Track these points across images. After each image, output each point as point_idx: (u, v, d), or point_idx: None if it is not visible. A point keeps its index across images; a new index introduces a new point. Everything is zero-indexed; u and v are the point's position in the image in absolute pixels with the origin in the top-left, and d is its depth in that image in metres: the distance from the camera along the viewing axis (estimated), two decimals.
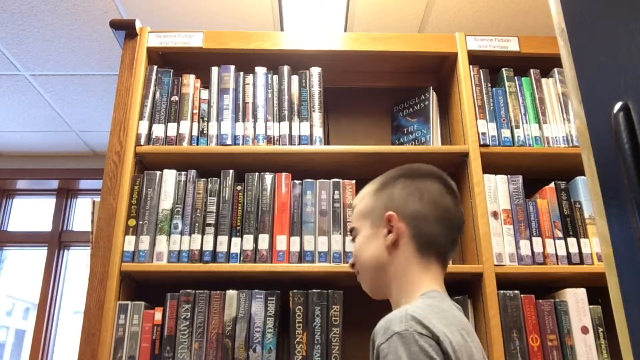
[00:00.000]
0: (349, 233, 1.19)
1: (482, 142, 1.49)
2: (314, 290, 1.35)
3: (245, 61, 1.60)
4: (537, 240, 1.41)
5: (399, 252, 0.92)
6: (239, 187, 1.45)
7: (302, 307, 1.34)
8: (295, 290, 1.35)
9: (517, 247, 1.40)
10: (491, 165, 1.49)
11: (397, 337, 0.73)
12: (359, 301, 1.24)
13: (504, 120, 1.54)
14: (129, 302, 1.33)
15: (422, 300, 0.85)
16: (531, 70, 1.60)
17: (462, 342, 0.79)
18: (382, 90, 1.80)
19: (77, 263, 3.03)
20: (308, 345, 1.31)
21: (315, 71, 1.59)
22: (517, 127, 1.53)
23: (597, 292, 1.37)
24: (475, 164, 1.47)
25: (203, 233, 1.40)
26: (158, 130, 1.51)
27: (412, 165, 1.01)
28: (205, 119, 1.53)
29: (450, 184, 0.98)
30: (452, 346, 0.75)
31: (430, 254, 0.92)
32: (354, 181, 1.46)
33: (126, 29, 1.58)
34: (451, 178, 1.63)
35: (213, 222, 1.41)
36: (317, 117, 1.54)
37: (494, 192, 1.45)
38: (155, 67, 1.57)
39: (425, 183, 0.96)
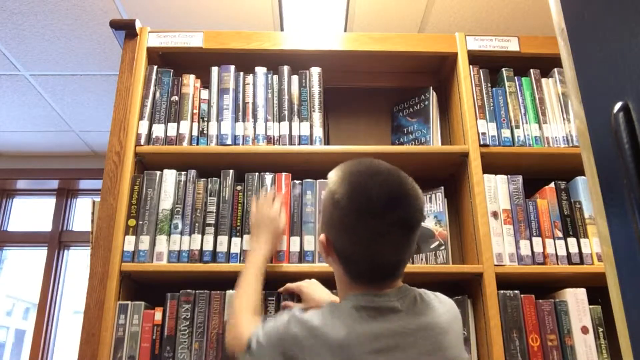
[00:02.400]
0: None
1: (482, 142, 1.50)
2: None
3: (245, 61, 1.60)
4: (537, 240, 1.41)
5: (334, 267, 0.97)
6: (239, 187, 1.45)
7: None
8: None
9: (517, 247, 1.40)
10: (491, 165, 1.49)
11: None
12: None
13: (504, 120, 1.54)
14: (129, 302, 1.33)
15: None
16: (531, 70, 1.60)
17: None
18: (382, 90, 1.80)
19: (77, 263, 3.03)
20: None
21: (315, 71, 1.59)
22: (517, 127, 1.53)
23: (597, 292, 1.37)
24: (475, 164, 1.47)
25: (203, 233, 1.40)
26: (158, 130, 1.51)
27: (369, 185, 0.90)
28: (205, 119, 1.53)
29: (402, 219, 0.88)
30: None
31: (362, 282, 0.92)
32: None
33: (126, 29, 1.58)
34: (451, 178, 1.64)
35: (213, 222, 1.41)
36: (317, 117, 1.54)
37: (494, 192, 1.45)
38: (155, 67, 1.57)
39: (365, 220, 0.88)
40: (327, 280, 1.43)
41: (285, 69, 1.58)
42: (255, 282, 1.17)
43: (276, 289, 1.37)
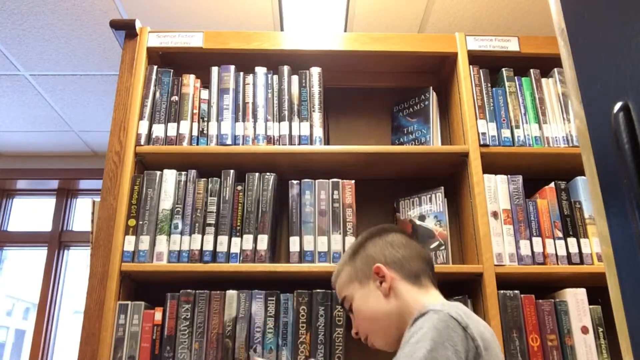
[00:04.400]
0: (340, 306, 1.24)
1: (482, 142, 1.49)
2: (318, 290, 1.35)
3: (245, 61, 1.60)
4: (537, 240, 1.41)
5: (400, 293, 1.02)
6: (239, 187, 1.45)
7: (306, 307, 1.34)
8: (299, 290, 1.35)
9: (517, 247, 1.40)
10: (491, 165, 1.49)
11: (431, 313, 0.84)
12: None
13: (504, 120, 1.54)
14: (129, 302, 1.33)
15: (441, 302, 0.98)
16: (531, 70, 1.60)
17: (489, 337, 0.86)
18: (382, 90, 1.80)
19: (77, 263, 3.03)
20: (311, 345, 1.31)
21: (315, 71, 1.59)
22: (517, 127, 1.53)
23: (597, 292, 1.37)
24: (475, 164, 1.47)
25: (203, 233, 1.40)
26: (158, 130, 1.51)
27: (371, 228, 1.15)
28: (205, 119, 1.53)
29: (406, 232, 1.17)
30: (481, 336, 0.83)
31: (422, 281, 1.04)
32: (353, 181, 1.46)
33: (126, 29, 1.58)
34: (451, 178, 1.64)
35: (213, 222, 1.41)
36: (317, 117, 1.54)
37: (494, 192, 1.45)
38: (155, 67, 1.57)
39: (389, 236, 1.10)
40: (327, 281, 1.43)
41: (285, 69, 1.58)
42: None
43: (276, 289, 1.37)
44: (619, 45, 0.48)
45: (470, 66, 1.58)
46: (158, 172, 1.45)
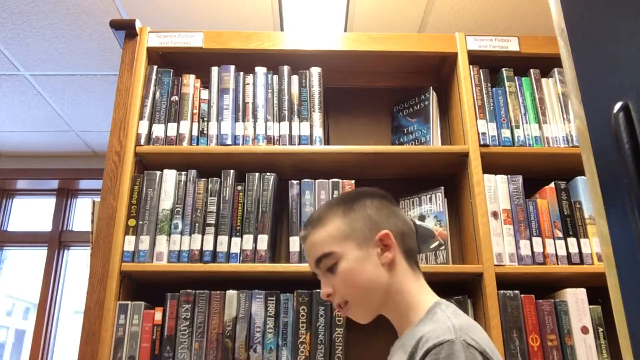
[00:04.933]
0: (316, 263, 0.99)
1: (482, 142, 1.50)
2: (318, 290, 1.35)
3: (245, 61, 1.60)
4: (537, 240, 1.41)
5: (397, 268, 0.95)
6: (239, 187, 1.45)
7: (306, 307, 1.34)
8: (299, 290, 1.35)
9: (517, 247, 1.40)
10: (491, 165, 1.49)
11: (449, 345, 0.76)
12: None
13: (504, 120, 1.54)
14: (129, 302, 1.33)
15: (450, 309, 0.89)
16: (531, 70, 1.60)
17: (491, 344, 0.83)
18: (382, 90, 1.80)
19: (77, 263, 3.03)
20: (311, 345, 1.31)
21: (315, 71, 1.59)
22: (517, 127, 1.53)
23: (597, 292, 1.37)
24: (475, 164, 1.47)
25: (203, 233, 1.40)
26: (158, 130, 1.51)
27: (369, 188, 1.05)
28: (205, 119, 1.53)
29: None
30: (492, 350, 0.80)
31: (413, 264, 0.98)
32: (353, 181, 1.46)
33: (126, 29, 1.58)
34: (451, 178, 1.64)
35: (213, 222, 1.41)
36: (317, 117, 1.54)
37: (494, 192, 1.45)
38: (155, 67, 1.57)
39: (391, 204, 1.02)
40: None
41: (285, 69, 1.58)
42: None
43: (276, 289, 1.37)
44: (619, 45, 0.48)
45: (470, 66, 1.58)
46: (158, 172, 1.45)
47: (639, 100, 0.45)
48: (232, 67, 1.58)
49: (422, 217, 1.53)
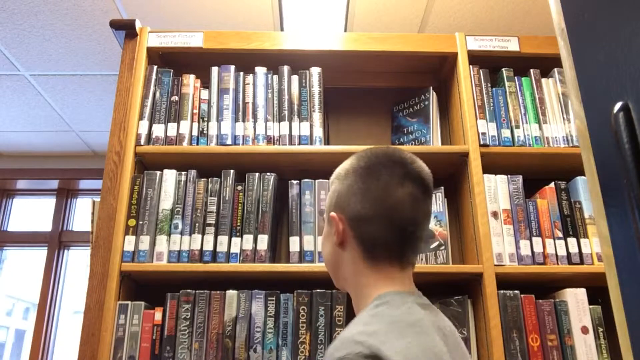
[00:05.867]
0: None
1: (482, 142, 1.50)
2: (318, 290, 1.35)
3: (245, 61, 1.60)
4: (537, 240, 1.41)
5: (346, 254, 0.87)
6: (239, 187, 1.45)
7: (306, 307, 1.34)
8: (299, 290, 1.35)
9: (517, 247, 1.40)
10: (491, 165, 1.49)
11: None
12: None
13: (504, 120, 1.54)
14: (129, 302, 1.33)
15: (374, 311, 0.78)
16: (531, 70, 1.60)
17: (420, 353, 0.70)
18: (382, 90, 1.80)
19: (77, 263, 3.03)
20: (311, 345, 1.31)
21: (315, 71, 1.59)
22: (517, 127, 1.53)
23: (597, 292, 1.37)
24: (475, 164, 1.47)
25: (203, 233, 1.40)
26: (158, 130, 1.51)
27: (374, 151, 0.91)
28: (205, 119, 1.53)
29: (415, 172, 0.88)
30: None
31: (378, 256, 0.84)
32: None
33: (126, 29, 1.58)
34: (451, 178, 1.64)
35: (213, 222, 1.41)
36: (317, 117, 1.54)
37: (494, 192, 1.45)
38: (155, 67, 1.57)
39: (378, 176, 0.86)
40: (327, 281, 1.43)
41: (285, 69, 1.58)
42: None
43: (276, 289, 1.37)
44: (619, 45, 0.48)
45: (470, 66, 1.58)
46: (158, 172, 1.45)
47: (639, 100, 0.45)
48: (232, 67, 1.58)
49: None
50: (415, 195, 0.86)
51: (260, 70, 1.59)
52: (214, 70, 1.58)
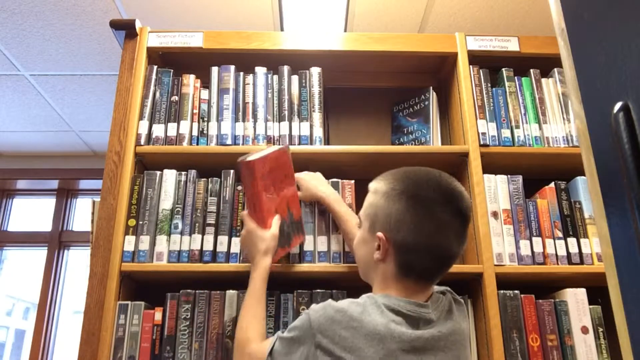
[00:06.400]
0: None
1: (482, 142, 1.50)
2: (318, 290, 1.35)
3: (245, 61, 1.60)
4: (537, 240, 1.41)
5: (382, 266, 0.98)
6: (239, 187, 1.45)
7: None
8: (299, 290, 1.35)
9: (517, 247, 1.40)
10: (491, 165, 1.49)
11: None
12: None
13: (504, 120, 1.54)
14: (129, 302, 1.33)
15: (364, 299, 0.93)
16: (531, 70, 1.60)
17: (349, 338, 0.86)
18: (382, 90, 1.80)
19: (77, 263, 3.03)
20: None
21: (315, 71, 1.59)
22: (517, 127, 1.53)
23: (597, 292, 1.37)
24: (475, 164, 1.47)
25: (203, 233, 1.40)
26: (158, 130, 1.51)
27: (427, 178, 0.97)
28: (205, 119, 1.53)
29: (463, 210, 0.94)
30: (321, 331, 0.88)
31: (410, 278, 0.95)
32: (353, 181, 1.46)
33: (126, 29, 1.58)
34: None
35: (213, 222, 1.41)
36: (317, 117, 1.54)
37: (494, 192, 1.45)
38: (155, 67, 1.57)
39: (432, 212, 0.93)
40: (327, 281, 1.43)
41: (285, 69, 1.58)
42: (257, 303, 1.13)
43: (276, 289, 1.37)
44: (619, 45, 0.49)
45: (470, 66, 1.58)
46: (158, 172, 1.45)
47: (639, 100, 0.45)
48: (232, 67, 1.58)
49: None
50: (460, 231, 0.95)
51: (260, 70, 1.59)
52: (214, 70, 1.58)
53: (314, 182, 1.38)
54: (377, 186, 1.01)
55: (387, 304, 0.90)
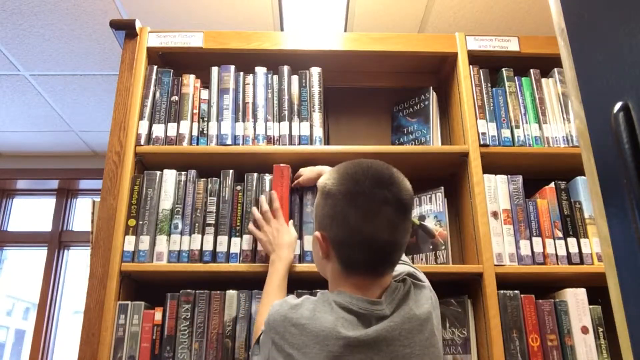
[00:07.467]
0: None
1: (482, 142, 1.50)
2: (318, 290, 1.35)
3: (245, 61, 1.60)
4: (537, 240, 1.41)
5: (330, 264, 0.97)
6: (239, 187, 1.45)
7: None
8: (299, 290, 1.35)
9: (517, 247, 1.40)
10: (491, 165, 1.49)
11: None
12: None
13: (504, 120, 1.54)
14: (129, 302, 1.33)
15: (296, 301, 0.96)
16: (531, 70, 1.60)
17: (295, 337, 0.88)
18: (382, 90, 1.80)
19: (77, 263, 3.03)
20: None
21: (315, 71, 1.59)
22: (517, 127, 1.53)
23: (597, 292, 1.37)
24: (475, 164, 1.47)
25: (203, 233, 1.40)
26: (158, 130, 1.51)
27: (355, 172, 0.94)
28: (205, 119, 1.53)
29: (393, 197, 0.91)
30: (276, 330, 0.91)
31: (355, 272, 0.94)
32: None
33: (126, 29, 1.58)
34: (451, 178, 1.64)
35: (213, 222, 1.41)
36: (317, 117, 1.54)
37: (494, 192, 1.45)
38: (155, 67, 1.57)
39: (357, 204, 0.90)
40: (327, 281, 1.43)
41: (285, 69, 1.58)
42: (279, 290, 1.20)
43: None
44: (619, 45, 0.48)
45: (470, 66, 1.58)
46: (158, 172, 1.45)
47: (639, 100, 0.45)
48: (232, 67, 1.58)
49: (422, 217, 1.53)
50: (393, 220, 0.91)
51: (260, 70, 1.59)
52: (214, 70, 1.58)
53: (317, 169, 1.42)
54: (318, 185, 1.01)
55: (338, 301, 0.91)
